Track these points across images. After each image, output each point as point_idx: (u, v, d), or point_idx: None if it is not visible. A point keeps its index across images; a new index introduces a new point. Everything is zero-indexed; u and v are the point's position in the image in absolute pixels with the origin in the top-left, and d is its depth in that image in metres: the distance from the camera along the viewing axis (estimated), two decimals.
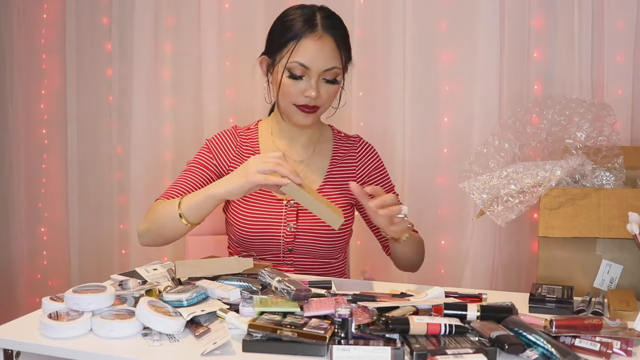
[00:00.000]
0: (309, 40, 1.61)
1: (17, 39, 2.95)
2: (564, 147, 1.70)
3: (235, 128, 1.81)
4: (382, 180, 1.81)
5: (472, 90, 2.36)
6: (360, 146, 1.81)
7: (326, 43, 1.62)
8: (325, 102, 1.66)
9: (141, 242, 1.67)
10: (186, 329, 1.22)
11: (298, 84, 1.62)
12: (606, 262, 1.51)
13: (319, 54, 1.61)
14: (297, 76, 1.62)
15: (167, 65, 2.71)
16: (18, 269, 3.07)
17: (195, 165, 1.74)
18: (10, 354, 1.22)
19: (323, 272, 1.74)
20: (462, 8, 2.35)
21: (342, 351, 1.06)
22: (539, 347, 1.10)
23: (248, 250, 1.73)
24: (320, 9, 1.67)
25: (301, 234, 1.70)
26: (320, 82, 1.63)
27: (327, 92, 1.65)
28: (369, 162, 1.80)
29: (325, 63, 1.62)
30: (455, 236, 2.42)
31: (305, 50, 1.61)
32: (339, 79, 1.66)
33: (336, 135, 1.82)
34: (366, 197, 1.47)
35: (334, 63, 1.63)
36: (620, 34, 2.18)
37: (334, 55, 1.63)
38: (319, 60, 1.61)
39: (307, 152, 1.77)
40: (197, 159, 1.76)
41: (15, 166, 3.02)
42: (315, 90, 1.61)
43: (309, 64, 1.61)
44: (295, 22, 1.63)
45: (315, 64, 1.61)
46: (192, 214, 1.53)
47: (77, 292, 1.27)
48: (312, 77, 1.62)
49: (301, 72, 1.61)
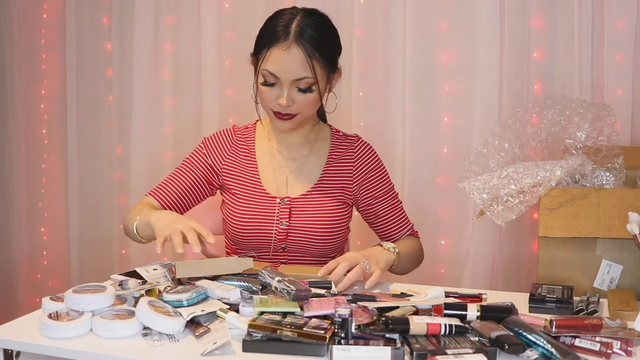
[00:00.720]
0: (277, 50, 1.59)
1: (17, 39, 2.94)
2: (564, 147, 1.70)
3: (234, 127, 1.82)
4: (380, 180, 1.80)
5: (472, 90, 2.36)
6: (358, 146, 1.81)
7: (293, 53, 1.59)
8: (304, 109, 1.64)
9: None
10: (186, 329, 1.22)
11: (272, 91, 1.62)
12: (606, 262, 1.51)
13: (287, 64, 1.59)
14: (270, 83, 1.62)
15: (167, 65, 2.71)
16: (18, 269, 3.07)
17: (186, 165, 1.77)
18: (10, 354, 1.22)
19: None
20: (462, 8, 2.35)
21: (342, 351, 1.06)
22: (539, 347, 1.10)
23: (243, 249, 1.73)
24: (304, 15, 1.63)
25: (293, 232, 1.70)
26: (293, 90, 1.61)
27: (303, 101, 1.63)
28: (367, 162, 1.79)
29: (294, 73, 1.60)
30: (455, 236, 2.42)
31: (274, 59, 1.60)
32: (314, 88, 1.62)
33: (334, 134, 1.82)
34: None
35: (304, 73, 1.60)
36: (620, 34, 2.18)
37: (303, 65, 1.59)
38: (287, 71, 1.59)
39: (302, 152, 1.77)
40: (190, 157, 1.78)
41: (15, 166, 3.02)
42: (285, 99, 1.60)
43: (277, 74, 1.60)
44: (272, 28, 1.62)
45: (284, 74, 1.60)
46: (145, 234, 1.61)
47: (77, 292, 1.27)
48: (283, 85, 1.61)
49: (272, 79, 1.61)
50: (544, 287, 1.44)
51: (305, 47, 1.59)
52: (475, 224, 2.34)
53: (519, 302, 1.33)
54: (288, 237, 1.70)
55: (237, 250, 1.76)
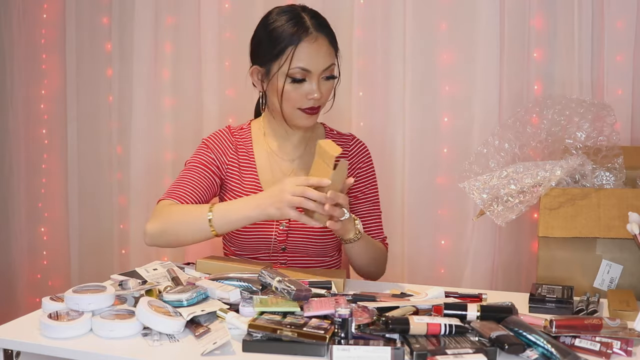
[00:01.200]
0: (306, 44, 1.62)
1: (17, 39, 2.94)
2: (564, 147, 1.70)
3: (229, 128, 1.82)
4: (368, 181, 1.80)
5: (472, 90, 2.36)
6: (353, 144, 1.82)
7: (322, 43, 1.64)
8: (326, 98, 1.69)
9: (148, 242, 1.64)
10: (186, 329, 1.22)
11: (301, 88, 1.63)
12: (606, 262, 1.51)
13: (318, 55, 1.62)
14: (299, 79, 1.62)
15: (167, 65, 2.71)
16: (18, 269, 3.06)
17: (197, 165, 1.74)
18: (10, 354, 1.22)
19: None
20: (462, 8, 2.35)
21: (342, 351, 1.06)
22: (539, 347, 1.10)
23: (243, 250, 1.73)
24: (304, 10, 1.68)
25: (293, 233, 1.70)
26: (321, 81, 1.64)
27: (327, 89, 1.67)
28: (360, 161, 1.81)
29: (324, 62, 1.64)
30: (455, 236, 2.42)
31: (304, 54, 1.61)
32: (336, 74, 1.69)
33: (328, 132, 1.83)
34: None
35: (331, 60, 1.66)
36: (620, 34, 2.18)
37: (330, 52, 1.65)
38: (318, 61, 1.63)
39: (298, 151, 1.78)
40: (198, 158, 1.75)
41: (15, 166, 3.02)
42: (318, 92, 1.63)
43: (310, 67, 1.62)
44: (286, 28, 1.62)
45: (316, 66, 1.62)
46: (224, 226, 1.56)
47: (77, 292, 1.27)
48: (313, 79, 1.63)
49: (302, 75, 1.62)
50: (544, 287, 1.44)
51: (327, 34, 1.66)
52: (475, 224, 2.34)
53: (519, 302, 1.33)
54: (288, 238, 1.70)
55: (236, 252, 1.76)
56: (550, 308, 1.36)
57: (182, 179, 1.71)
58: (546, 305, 1.37)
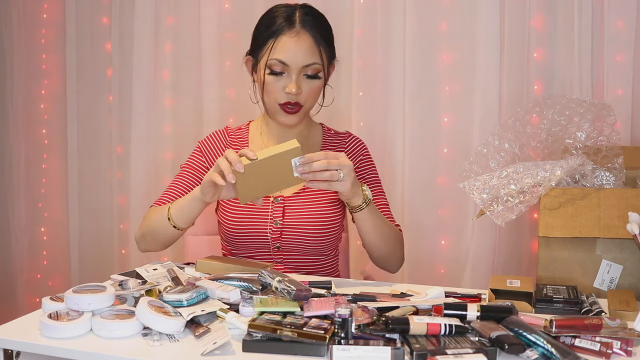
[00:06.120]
0: (286, 37, 1.63)
1: (17, 39, 2.95)
2: (564, 147, 1.70)
3: (226, 129, 1.83)
4: (368, 174, 1.80)
5: (472, 90, 2.36)
6: (349, 141, 1.83)
7: (304, 39, 1.64)
8: (308, 98, 1.67)
9: (140, 249, 1.74)
10: (186, 329, 1.22)
11: (279, 81, 1.64)
12: (606, 262, 1.51)
13: (297, 50, 1.63)
14: (277, 72, 1.64)
15: (167, 65, 2.71)
16: (18, 269, 3.07)
17: (186, 170, 1.78)
18: (10, 354, 1.22)
19: (313, 270, 1.74)
20: (462, 8, 2.35)
21: (342, 351, 1.06)
22: (539, 347, 1.10)
23: (239, 249, 1.74)
24: (302, 7, 1.69)
25: (288, 231, 1.70)
26: (301, 78, 1.65)
27: (309, 88, 1.66)
28: (359, 155, 1.81)
29: (303, 59, 1.63)
30: (455, 236, 2.42)
31: (283, 47, 1.63)
32: (321, 75, 1.67)
33: (326, 132, 1.83)
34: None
35: (313, 59, 1.65)
36: (620, 34, 2.18)
37: (313, 51, 1.64)
38: (297, 56, 1.63)
39: None
40: (189, 162, 1.80)
41: (15, 166, 3.02)
42: (295, 86, 1.63)
43: (287, 61, 1.63)
44: (275, 20, 1.66)
45: (294, 60, 1.63)
46: (179, 217, 1.60)
47: (77, 292, 1.27)
48: (292, 73, 1.64)
49: (281, 68, 1.64)
50: (549, 288, 1.44)
51: (313, 33, 1.65)
52: (475, 224, 2.34)
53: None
54: (282, 236, 1.70)
55: (233, 251, 1.76)
56: (557, 308, 1.35)
57: (173, 184, 1.77)
58: (553, 305, 1.36)
